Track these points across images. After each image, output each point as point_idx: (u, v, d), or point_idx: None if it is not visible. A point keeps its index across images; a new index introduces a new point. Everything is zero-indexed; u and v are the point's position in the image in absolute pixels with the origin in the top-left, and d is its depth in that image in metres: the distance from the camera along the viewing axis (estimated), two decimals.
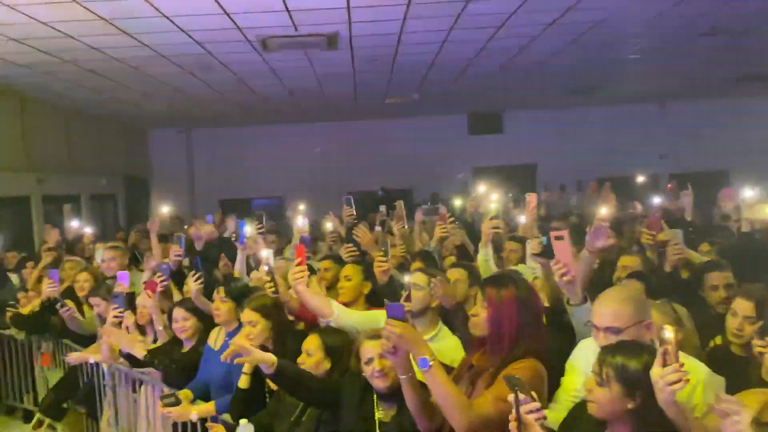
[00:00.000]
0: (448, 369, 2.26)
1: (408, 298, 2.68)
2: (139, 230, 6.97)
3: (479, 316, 2.25)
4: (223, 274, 4.68)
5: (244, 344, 2.48)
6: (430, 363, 2.00)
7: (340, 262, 3.83)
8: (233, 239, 4.79)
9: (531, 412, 1.73)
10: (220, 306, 3.32)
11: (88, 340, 4.45)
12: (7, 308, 4.98)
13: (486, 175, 10.38)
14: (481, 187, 6.24)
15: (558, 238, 2.52)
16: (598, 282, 3.23)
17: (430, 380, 2.02)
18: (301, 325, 3.34)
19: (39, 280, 4.95)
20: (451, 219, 4.42)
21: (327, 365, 2.68)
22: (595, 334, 2.13)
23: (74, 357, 3.95)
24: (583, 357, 2.30)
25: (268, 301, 3.04)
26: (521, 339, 2.14)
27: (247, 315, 2.98)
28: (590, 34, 6.73)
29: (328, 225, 5.43)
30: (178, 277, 4.17)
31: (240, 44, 6.37)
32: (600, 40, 7.12)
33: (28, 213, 8.99)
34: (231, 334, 3.25)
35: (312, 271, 3.65)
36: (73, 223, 7.59)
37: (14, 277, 5.89)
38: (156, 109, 10.48)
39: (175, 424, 3.19)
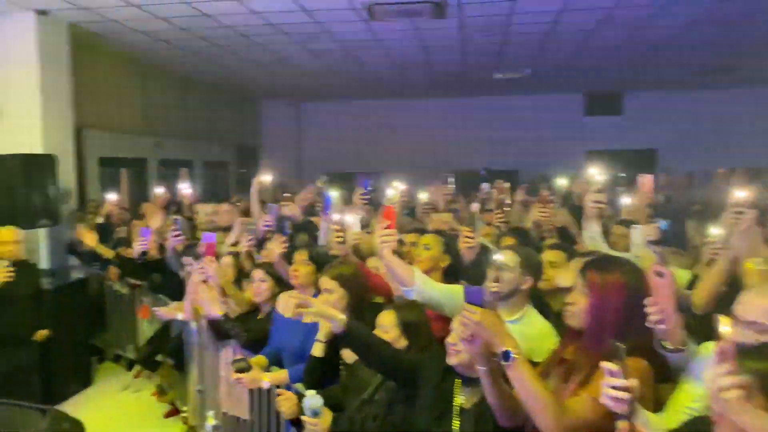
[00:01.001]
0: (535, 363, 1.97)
1: (497, 280, 2.41)
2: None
3: (577, 304, 1.94)
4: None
5: (308, 298, 2.34)
6: (514, 356, 1.72)
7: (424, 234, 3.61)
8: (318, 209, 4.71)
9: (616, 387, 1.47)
10: (300, 268, 3.22)
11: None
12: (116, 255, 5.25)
13: (600, 160, 9.67)
14: (592, 169, 5.71)
15: (659, 274, 1.85)
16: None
17: (513, 375, 1.75)
18: (380, 299, 3.17)
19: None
20: (551, 200, 4.04)
21: (403, 342, 2.47)
22: (728, 331, 1.74)
23: (163, 312, 4.04)
24: (703, 364, 1.91)
25: (348, 270, 2.88)
26: (626, 334, 1.80)
27: (325, 282, 2.84)
28: (730, 3, 5.94)
29: (422, 195, 5.21)
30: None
31: (347, 12, 6.26)
32: (742, 11, 6.28)
33: (144, 174, 9.53)
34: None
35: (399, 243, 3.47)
36: (183, 186, 7.91)
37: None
38: (267, 80, 10.71)
39: (251, 389, 3.15)
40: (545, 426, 1.73)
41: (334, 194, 3.62)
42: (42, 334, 4.23)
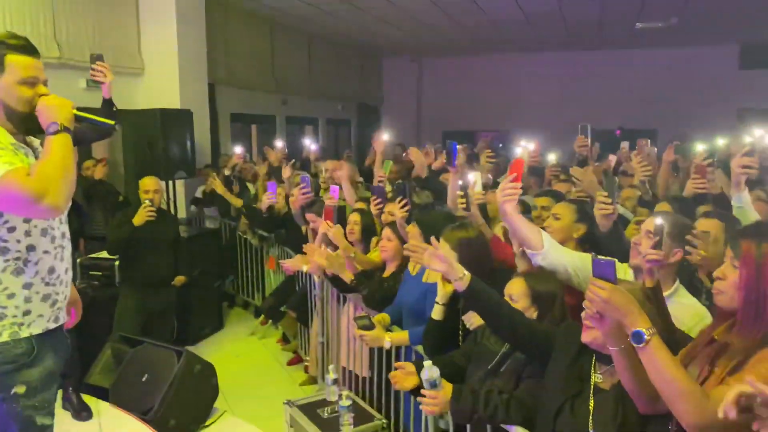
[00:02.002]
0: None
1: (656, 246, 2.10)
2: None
3: (727, 279, 1.65)
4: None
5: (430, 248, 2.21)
6: (647, 337, 1.50)
7: (557, 198, 3.34)
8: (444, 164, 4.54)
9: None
10: (385, 244, 3.19)
11: None
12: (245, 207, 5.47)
13: (755, 118, 8.60)
14: (758, 130, 4.91)
15: None
16: None
17: (646, 359, 1.52)
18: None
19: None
20: (708, 168, 3.50)
21: (533, 314, 2.29)
22: None
23: (289, 264, 4.13)
24: None
25: (467, 234, 2.71)
26: None
27: (441, 247, 2.69)
28: None
29: (551, 157, 4.86)
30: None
31: None
32: None
33: (273, 131, 9.86)
34: None
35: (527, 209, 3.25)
36: (309, 142, 8.09)
37: (252, 188, 6.43)
38: (390, 35, 10.57)
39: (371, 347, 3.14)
40: (684, 417, 1.50)
41: (459, 146, 3.41)
42: (180, 279, 4.50)
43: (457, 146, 3.36)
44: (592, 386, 1.94)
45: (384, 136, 4.89)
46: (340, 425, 2.84)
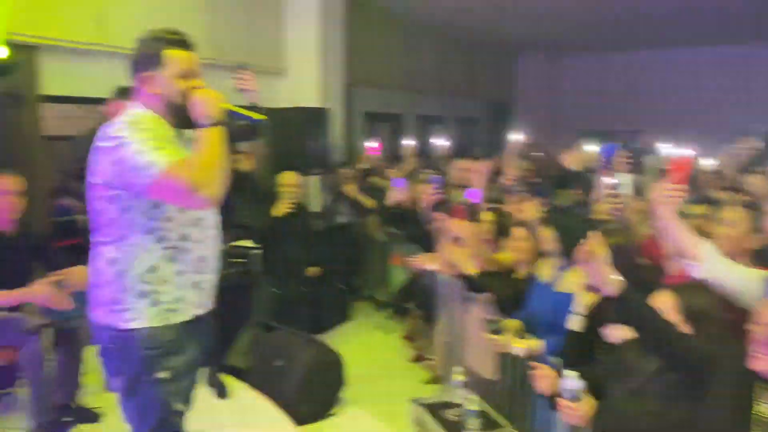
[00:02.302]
0: None
1: None
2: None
3: None
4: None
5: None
6: None
7: (716, 206, 3.03)
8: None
9: None
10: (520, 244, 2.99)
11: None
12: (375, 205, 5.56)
13: None
14: None
15: None
16: None
17: None
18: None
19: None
20: None
21: (685, 331, 2.09)
22: None
23: (415, 261, 4.14)
24: None
25: (617, 238, 2.54)
26: None
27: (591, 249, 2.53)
28: None
29: (708, 161, 4.43)
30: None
31: None
32: None
33: (403, 129, 9.96)
34: (563, 267, 2.89)
35: None
36: (439, 140, 8.06)
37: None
38: (526, 32, 10.28)
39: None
40: None
41: (616, 145, 3.21)
42: (313, 270, 4.68)
43: (614, 148, 3.17)
44: (756, 416, 1.73)
45: (517, 135, 4.75)
46: (465, 429, 2.79)
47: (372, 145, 6.78)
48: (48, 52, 5.05)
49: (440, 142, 7.85)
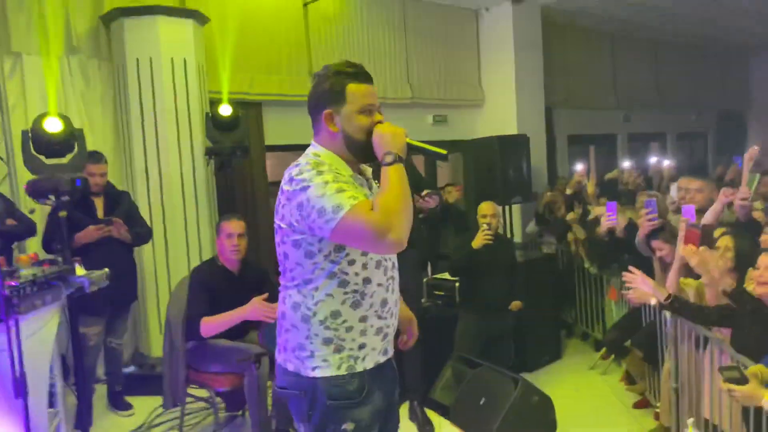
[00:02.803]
0: None
1: None
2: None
3: None
4: None
5: None
6: None
7: None
8: None
9: None
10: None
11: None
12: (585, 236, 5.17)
13: None
14: None
15: None
16: None
17: None
18: None
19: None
20: None
21: None
22: None
23: (633, 296, 3.69)
24: None
25: None
26: None
27: None
28: None
29: None
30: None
31: None
32: None
33: (613, 150, 9.28)
34: None
35: None
36: (659, 159, 7.34)
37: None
38: (763, 31, 8.97)
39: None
40: None
41: None
42: (516, 304, 4.45)
43: None
44: None
45: (753, 148, 4.05)
46: None
47: (577, 168, 6.38)
48: (269, 107, 5.68)
49: (659, 161, 7.15)
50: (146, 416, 3.82)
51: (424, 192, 3.31)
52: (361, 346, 1.81)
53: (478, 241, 4.11)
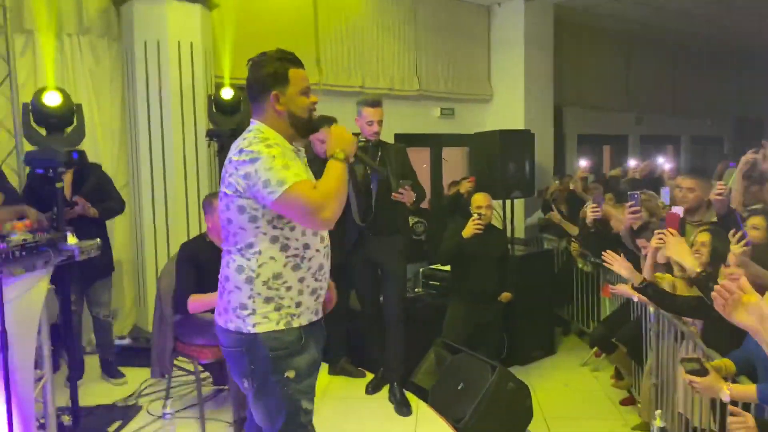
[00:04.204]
0: None
1: None
2: None
3: None
4: None
5: None
6: None
7: None
8: None
9: None
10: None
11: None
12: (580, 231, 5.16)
13: None
14: None
15: None
16: None
17: None
18: None
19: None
20: None
21: None
22: None
23: (620, 289, 3.70)
24: None
25: None
26: None
27: None
28: None
29: None
30: None
31: None
32: None
33: (624, 151, 9.22)
34: None
35: None
36: (661, 161, 7.31)
37: None
38: None
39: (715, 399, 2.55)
40: None
41: None
42: (506, 295, 4.49)
43: None
44: None
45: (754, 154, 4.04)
46: None
47: (581, 166, 6.37)
48: None
49: (664, 162, 7.11)
50: (136, 386, 3.94)
51: (401, 183, 3.39)
52: (298, 304, 1.97)
53: (468, 231, 4.15)
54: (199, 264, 3.37)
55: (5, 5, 4.31)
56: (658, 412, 2.87)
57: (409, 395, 3.73)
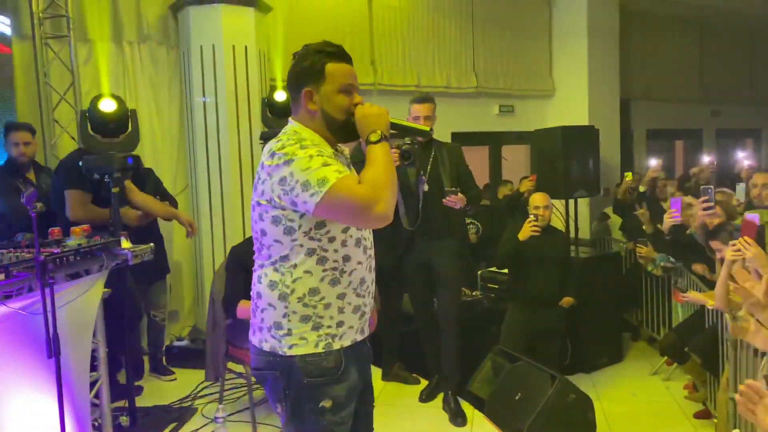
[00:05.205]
0: None
1: None
2: None
3: None
4: None
5: None
6: None
7: None
8: None
9: None
10: None
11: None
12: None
13: None
14: None
15: None
16: None
17: None
18: None
19: None
20: None
21: None
22: None
23: (692, 297, 3.44)
24: None
25: None
26: None
27: None
28: None
29: None
30: None
31: None
32: None
33: (699, 146, 8.70)
34: None
35: None
36: (741, 155, 6.82)
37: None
38: None
39: None
40: None
41: None
42: (568, 300, 4.27)
43: None
44: None
45: None
46: None
47: (651, 165, 6.02)
48: None
49: (744, 158, 6.64)
50: (192, 388, 3.98)
51: (446, 192, 3.28)
52: (339, 324, 1.77)
53: (524, 233, 3.96)
54: (248, 268, 3.34)
55: (69, 15, 4.47)
56: (736, 431, 2.61)
57: (465, 404, 3.59)
